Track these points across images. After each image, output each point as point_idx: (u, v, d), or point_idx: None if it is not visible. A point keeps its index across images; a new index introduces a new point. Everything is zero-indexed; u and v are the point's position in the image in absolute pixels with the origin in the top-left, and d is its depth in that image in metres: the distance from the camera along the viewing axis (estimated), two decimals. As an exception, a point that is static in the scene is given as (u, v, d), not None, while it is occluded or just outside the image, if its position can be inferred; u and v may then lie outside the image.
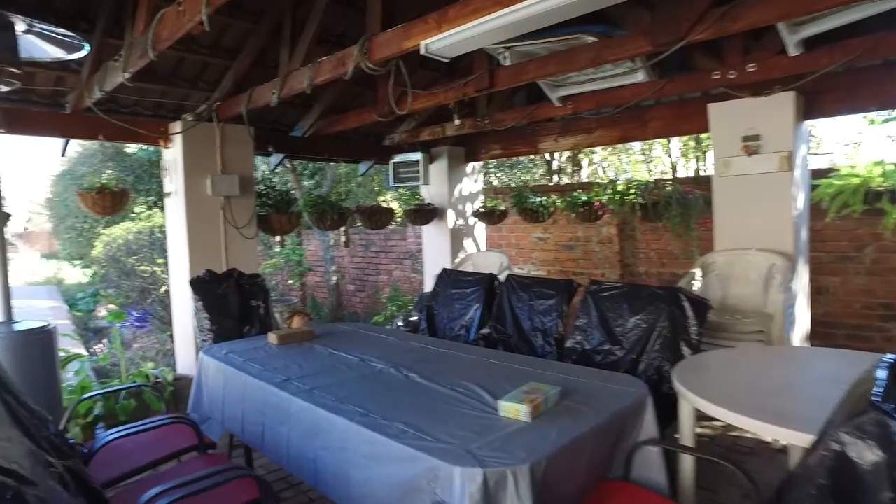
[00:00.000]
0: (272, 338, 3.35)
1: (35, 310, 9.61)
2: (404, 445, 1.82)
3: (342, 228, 5.93)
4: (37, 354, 3.16)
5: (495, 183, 11.00)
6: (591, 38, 3.32)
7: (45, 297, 11.52)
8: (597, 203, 5.37)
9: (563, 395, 2.17)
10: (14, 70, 3.05)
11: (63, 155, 4.55)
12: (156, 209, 8.28)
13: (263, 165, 8.40)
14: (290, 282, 9.22)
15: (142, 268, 7.05)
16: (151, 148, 8.30)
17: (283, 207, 5.07)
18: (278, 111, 4.85)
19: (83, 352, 6.64)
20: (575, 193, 5.59)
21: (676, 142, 8.94)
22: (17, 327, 3.21)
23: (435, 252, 6.42)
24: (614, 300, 3.18)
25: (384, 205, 5.99)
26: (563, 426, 1.93)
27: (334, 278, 9.69)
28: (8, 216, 3.96)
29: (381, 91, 4.41)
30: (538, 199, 5.95)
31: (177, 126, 4.42)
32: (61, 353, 3.83)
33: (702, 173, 8.44)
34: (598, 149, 9.58)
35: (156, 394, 3.33)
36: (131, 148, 10.08)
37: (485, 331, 3.85)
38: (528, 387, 2.18)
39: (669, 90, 4.03)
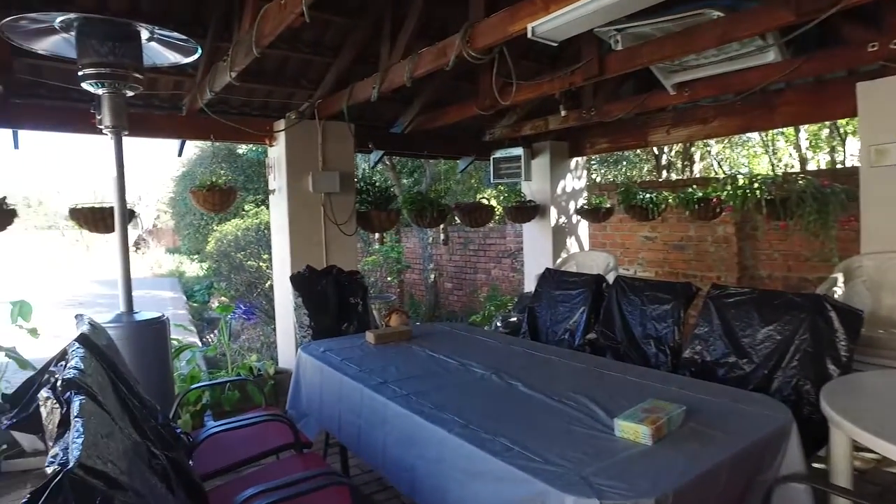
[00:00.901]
0: (369, 337, 3.29)
1: (159, 299, 10.43)
2: (508, 465, 1.65)
3: (441, 226, 5.86)
4: (151, 343, 3.31)
5: (598, 179, 10.55)
6: (716, 14, 2.95)
7: (168, 289, 12.51)
8: (714, 199, 4.91)
9: (688, 416, 1.90)
10: (137, 76, 3.20)
11: (179, 155, 4.80)
12: (263, 207, 8.67)
13: (364, 164, 8.55)
14: (389, 279, 9.34)
15: (249, 263, 7.39)
16: (260, 148, 8.70)
17: (382, 204, 5.07)
18: (378, 108, 4.84)
19: (197, 341, 7.06)
20: (689, 189, 5.15)
21: (803, 132, 8.07)
22: (137, 317, 3.38)
23: (536, 251, 6.19)
24: (741, 307, 2.82)
25: (484, 202, 5.84)
26: (691, 454, 1.67)
27: (432, 276, 9.70)
28: (133, 214, 4.22)
29: (483, 83, 4.25)
30: (647, 196, 5.55)
31: (281, 124, 4.52)
32: (174, 343, 4.02)
33: (838, 165, 7.56)
34: (712, 141, 8.88)
35: (257, 387, 3.38)
36: (242, 149, 10.68)
37: (591, 336, 3.59)
38: (648, 404, 1.93)
39: (807, 70, 3.54)
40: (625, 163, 10.81)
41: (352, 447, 2.65)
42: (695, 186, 5.27)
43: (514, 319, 4.97)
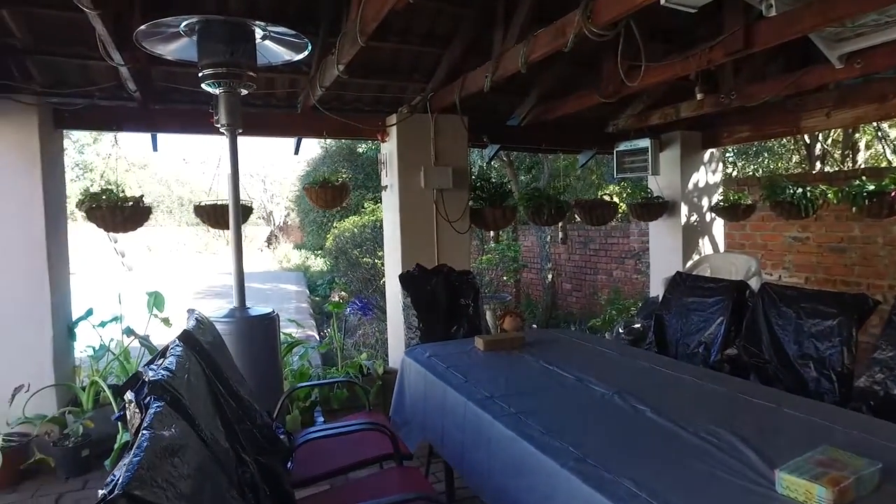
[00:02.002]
0: (479, 343, 3.07)
1: (284, 292, 11.00)
2: (634, 519, 1.33)
3: (559, 224, 5.51)
4: (261, 339, 3.32)
5: (734, 173, 9.56)
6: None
7: (294, 283, 13.22)
8: (892, 193, 4.12)
9: (885, 476, 1.44)
10: (252, 74, 3.23)
11: (296, 153, 4.88)
12: (380, 204, 8.79)
13: (480, 160, 8.39)
14: (505, 278, 9.11)
15: (364, 259, 7.49)
16: (379, 146, 8.81)
17: (497, 201, 4.83)
18: (493, 100, 4.59)
19: (315, 334, 7.28)
20: (857, 182, 4.37)
21: None
22: (249, 313, 3.41)
23: (663, 252, 5.64)
24: (943, 328, 2.24)
25: (606, 198, 5.40)
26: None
27: (550, 276, 9.35)
28: (250, 210, 4.33)
29: (606, 68, 3.87)
30: (800, 190, 4.81)
31: (392, 119, 4.43)
32: (286, 339, 4.06)
33: None
34: (885, 125, 7.62)
35: (363, 388, 3.29)
36: (362, 147, 10.94)
37: (731, 351, 3.10)
38: (823, 453, 1.50)
39: None
40: (766, 154, 9.69)
41: (455, 465, 2.44)
42: (864, 178, 4.48)
43: (637, 326, 4.54)
